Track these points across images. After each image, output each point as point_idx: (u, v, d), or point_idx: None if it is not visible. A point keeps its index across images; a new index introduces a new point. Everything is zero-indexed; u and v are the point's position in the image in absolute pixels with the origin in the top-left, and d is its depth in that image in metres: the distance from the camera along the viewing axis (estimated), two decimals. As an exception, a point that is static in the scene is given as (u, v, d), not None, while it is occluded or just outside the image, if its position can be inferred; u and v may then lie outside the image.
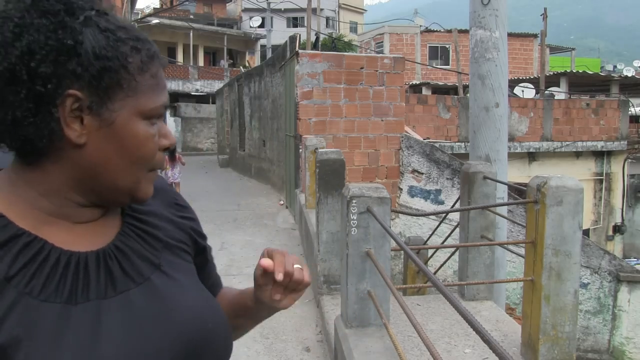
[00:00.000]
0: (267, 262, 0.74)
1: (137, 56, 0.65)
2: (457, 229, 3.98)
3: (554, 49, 29.08)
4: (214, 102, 23.33)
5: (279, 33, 26.77)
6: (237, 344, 0.82)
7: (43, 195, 0.64)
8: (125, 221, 0.72)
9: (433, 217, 6.36)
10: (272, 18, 28.25)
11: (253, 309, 0.82)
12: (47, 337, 0.58)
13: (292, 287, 0.77)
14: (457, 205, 4.53)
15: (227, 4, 36.79)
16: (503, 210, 4.50)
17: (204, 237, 0.86)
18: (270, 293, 0.76)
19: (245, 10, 34.07)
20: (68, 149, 0.62)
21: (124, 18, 0.69)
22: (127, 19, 0.67)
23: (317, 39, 17.03)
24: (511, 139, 11.16)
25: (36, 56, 0.58)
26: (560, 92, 16.22)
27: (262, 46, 30.27)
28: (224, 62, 29.49)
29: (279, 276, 0.73)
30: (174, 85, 25.71)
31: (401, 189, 7.62)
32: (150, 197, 0.72)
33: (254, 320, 0.88)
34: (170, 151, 7.61)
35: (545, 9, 19.05)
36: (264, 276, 0.75)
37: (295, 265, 0.75)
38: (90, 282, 0.63)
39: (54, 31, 0.59)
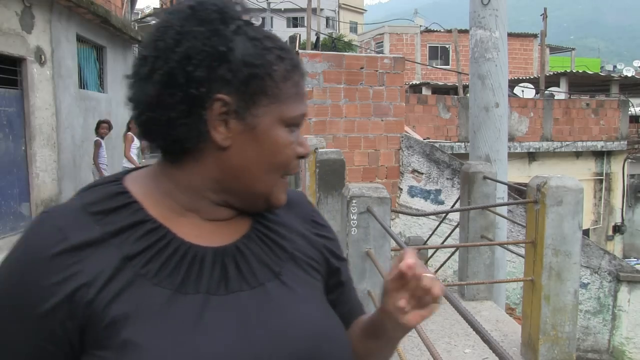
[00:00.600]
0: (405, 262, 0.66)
1: (281, 65, 0.68)
2: (457, 229, 3.98)
3: (554, 49, 29.07)
4: (214, 102, 23.27)
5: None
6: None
7: (180, 189, 0.68)
8: (254, 227, 0.73)
9: (433, 217, 6.36)
10: (272, 18, 28.25)
11: (380, 325, 0.75)
12: (152, 318, 0.60)
13: (419, 296, 0.68)
14: (457, 205, 4.53)
15: (227, 4, 36.78)
16: (503, 210, 4.50)
17: (339, 258, 0.83)
18: (395, 300, 0.69)
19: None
20: (212, 150, 0.66)
21: (267, 30, 0.72)
22: (270, 32, 0.72)
23: (318, 39, 17.04)
24: (511, 139, 11.16)
25: (193, 61, 0.62)
26: (560, 92, 16.22)
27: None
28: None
29: (404, 267, 0.65)
30: (174, 85, 25.62)
31: (401, 189, 7.62)
32: (283, 207, 0.74)
33: (384, 341, 0.78)
34: None
35: (545, 9, 19.05)
36: (394, 280, 0.69)
37: (426, 274, 0.68)
38: (203, 276, 0.65)
39: (209, 38, 0.63)
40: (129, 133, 7.34)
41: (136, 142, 7.34)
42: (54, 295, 0.59)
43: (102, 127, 7.69)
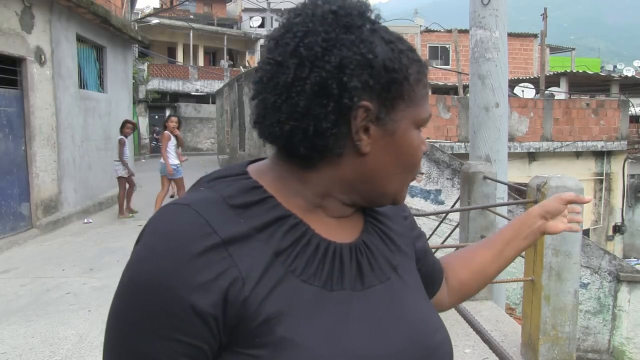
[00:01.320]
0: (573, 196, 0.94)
1: (414, 67, 0.67)
2: (457, 229, 3.98)
3: (554, 49, 29.07)
4: (214, 102, 23.33)
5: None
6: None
7: (311, 190, 0.67)
8: (367, 220, 0.74)
9: (433, 217, 6.36)
10: (272, 18, 28.26)
11: (523, 247, 0.95)
12: (305, 315, 0.60)
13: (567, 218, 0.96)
14: (457, 205, 4.53)
15: (227, 4, 36.78)
16: (503, 210, 4.50)
17: (416, 231, 0.86)
18: (561, 221, 0.94)
19: (245, 10, 34.08)
20: (352, 156, 0.65)
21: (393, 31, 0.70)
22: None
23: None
24: (511, 139, 11.16)
25: (346, 70, 0.61)
26: (560, 92, 16.22)
27: (262, 46, 30.26)
28: (224, 62, 29.49)
29: (588, 199, 0.95)
30: (174, 85, 25.70)
31: (401, 189, 7.62)
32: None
33: (514, 249, 0.96)
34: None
35: (545, 9, 19.06)
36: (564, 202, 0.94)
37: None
38: (344, 273, 0.65)
39: (358, 45, 0.62)
40: (166, 132, 7.43)
41: (173, 141, 7.43)
42: (210, 292, 0.56)
43: (127, 127, 8.06)
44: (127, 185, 8.14)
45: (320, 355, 0.59)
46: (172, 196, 7.98)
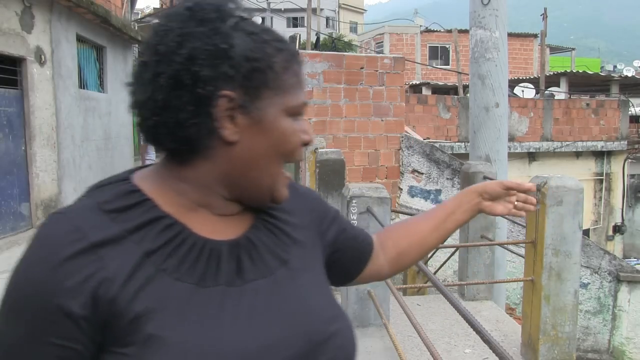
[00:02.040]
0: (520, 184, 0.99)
1: (280, 56, 0.69)
2: (457, 229, 3.98)
3: (554, 49, 29.06)
4: (214, 102, 23.28)
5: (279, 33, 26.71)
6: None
7: (192, 187, 0.69)
8: (258, 216, 0.75)
9: (433, 217, 6.36)
10: (272, 18, 28.26)
11: (461, 220, 0.99)
12: (175, 312, 0.62)
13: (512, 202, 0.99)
14: (457, 205, 4.52)
15: (227, 4, 36.78)
16: (503, 210, 4.50)
17: (327, 217, 0.87)
18: (503, 205, 0.99)
19: (245, 10, 34.04)
20: (220, 146, 0.67)
21: (263, 24, 0.73)
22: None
23: (318, 39, 17.04)
24: (511, 139, 11.16)
25: (197, 61, 0.63)
26: (560, 92, 16.22)
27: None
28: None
29: (530, 186, 1.00)
30: (174, 85, 25.66)
31: (401, 189, 7.62)
32: (286, 198, 0.77)
33: (453, 224, 1.00)
34: None
35: (545, 9, 19.05)
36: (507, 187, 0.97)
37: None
38: (221, 269, 0.67)
39: (210, 37, 0.64)
40: None
41: None
42: (79, 294, 0.59)
43: None
44: None
45: (187, 350, 0.60)
46: None
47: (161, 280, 0.62)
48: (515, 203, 1.00)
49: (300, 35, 16.46)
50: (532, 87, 15.89)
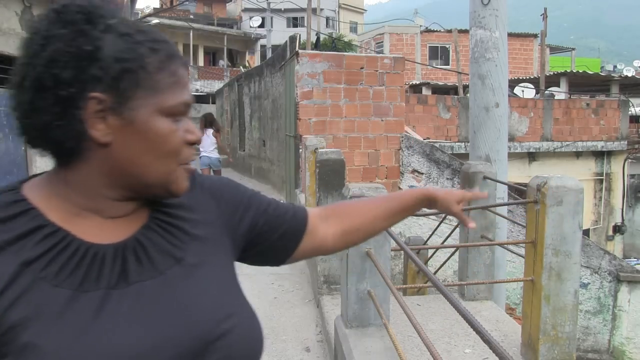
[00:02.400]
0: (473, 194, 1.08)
1: (154, 56, 0.68)
2: (457, 229, 3.98)
3: (554, 49, 29.06)
4: (214, 102, 23.31)
5: (279, 33, 26.76)
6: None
7: (76, 191, 0.69)
8: (152, 216, 0.75)
9: (433, 217, 6.36)
10: (272, 18, 28.25)
11: (408, 214, 1.02)
12: (52, 319, 0.61)
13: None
14: (457, 205, 4.52)
15: (227, 4, 36.78)
16: (503, 210, 4.50)
17: (241, 203, 0.86)
18: (461, 212, 1.03)
19: (245, 10, 34.07)
20: (96, 148, 0.67)
21: (148, 24, 0.74)
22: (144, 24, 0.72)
23: (318, 39, 17.03)
24: (511, 139, 11.16)
25: (58, 63, 0.63)
26: (560, 92, 16.21)
27: (262, 46, 30.26)
28: (224, 62, 29.49)
29: (472, 225, 1.09)
30: (174, 85, 25.66)
31: (401, 189, 7.62)
32: (186, 191, 0.76)
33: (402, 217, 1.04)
34: None
35: (545, 9, 19.04)
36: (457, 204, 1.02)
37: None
38: (103, 273, 0.67)
39: (74, 39, 0.64)
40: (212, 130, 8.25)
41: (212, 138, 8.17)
42: None
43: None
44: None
45: (63, 356, 0.60)
46: None
47: (39, 289, 0.62)
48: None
49: (300, 35, 16.45)
50: (532, 87, 15.88)
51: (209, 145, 8.22)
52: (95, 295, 0.65)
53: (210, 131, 8.19)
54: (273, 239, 0.88)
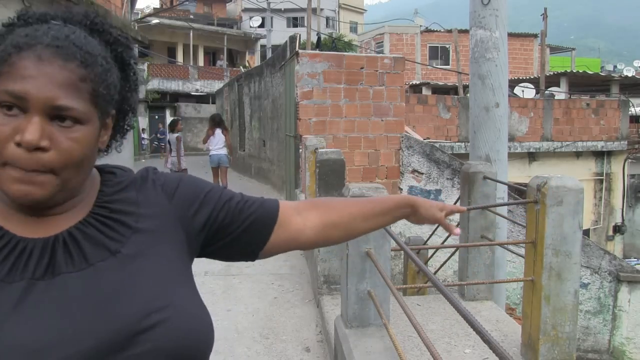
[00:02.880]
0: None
1: None
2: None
3: (554, 49, 29.06)
4: (214, 102, 23.33)
5: (279, 33, 26.77)
6: (237, 344, 0.82)
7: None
8: (93, 212, 0.74)
9: (433, 217, 6.35)
10: (272, 18, 28.25)
11: (393, 221, 1.01)
12: None
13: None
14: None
15: (227, 4, 36.78)
16: (503, 210, 4.50)
17: (199, 191, 0.85)
18: (444, 220, 1.02)
19: (245, 10, 34.07)
20: None
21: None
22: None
23: (319, 39, 17.04)
24: (511, 139, 11.16)
25: None
26: (560, 92, 16.22)
27: (262, 46, 30.27)
28: (221, 62, 29.50)
29: (457, 232, 1.08)
30: (174, 85, 25.70)
31: (401, 189, 7.62)
32: (136, 185, 0.78)
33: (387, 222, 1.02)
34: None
35: (545, 9, 19.04)
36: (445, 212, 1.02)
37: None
38: (30, 264, 0.67)
39: None
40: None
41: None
42: None
43: (180, 124, 8.93)
44: None
45: None
46: None
47: None
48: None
49: (300, 35, 16.45)
50: (532, 87, 15.89)
51: (218, 143, 8.53)
52: (18, 285, 0.65)
53: (219, 130, 8.50)
54: (237, 232, 0.86)
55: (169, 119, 21.80)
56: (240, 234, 0.86)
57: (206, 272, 4.91)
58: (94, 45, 0.71)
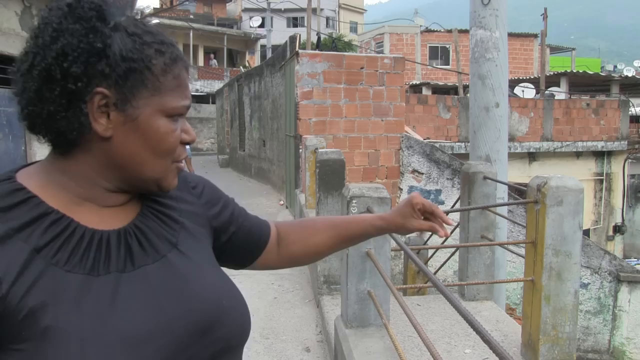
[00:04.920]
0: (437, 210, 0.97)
1: (160, 58, 0.71)
2: (457, 229, 3.97)
3: (554, 49, 29.05)
4: (214, 102, 23.32)
5: (279, 33, 26.76)
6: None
7: (74, 180, 0.71)
8: (145, 204, 0.79)
9: (433, 217, 6.35)
10: (272, 18, 28.25)
11: (370, 234, 1.01)
12: (70, 303, 0.64)
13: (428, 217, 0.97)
14: (457, 206, 4.53)
15: (227, 4, 36.76)
16: (503, 210, 4.50)
17: (217, 203, 0.91)
18: (415, 222, 0.96)
19: (245, 10, 34.06)
20: (97, 140, 0.69)
21: (153, 24, 0.76)
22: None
23: (319, 39, 17.03)
24: (511, 139, 11.16)
25: (69, 57, 0.65)
26: (560, 92, 16.21)
27: (262, 46, 30.27)
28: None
29: (445, 230, 0.97)
30: (174, 85, 25.64)
31: (401, 189, 7.62)
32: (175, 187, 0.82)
33: (355, 243, 1.04)
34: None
35: (545, 9, 19.03)
36: (417, 212, 0.96)
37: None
38: (111, 257, 0.70)
39: (86, 35, 0.66)
40: None
41: None
42: None
43: None
44: None
45: (86, 338, 0.62)
46: None
47: (53, 274, 0.64)
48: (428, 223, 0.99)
49: (300, 35, 16.44)
50: (532, 87, 15.88)
51: None
52: (107, 279, 0.68)
53: None
54: (235, 248, 0.93)
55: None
56: (235, 251, 0.94)
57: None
58: None
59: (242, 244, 0.94)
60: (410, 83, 18.45)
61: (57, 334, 0.61)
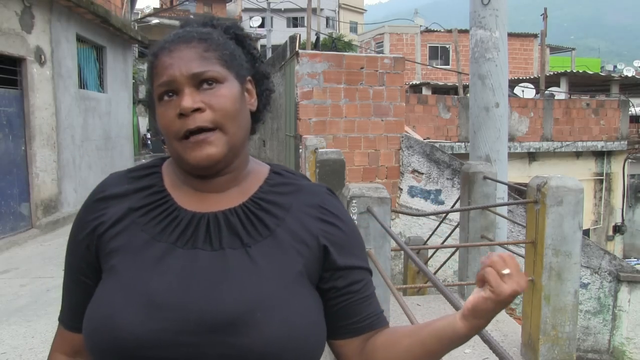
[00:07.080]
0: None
1: (160, 51, 0.83)
2: (457, 229, 3.98)
3: (554, 49, 29.05)
4: (214, 102, 23.24)
5: (279, 33, 26.77)
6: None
7: (173, 164, 0.87)
8: (244, 203, 0.83)
9: (433, 217, 6.36)
10: (272, 18, 28.25)
11: (459, 334, 0.77)
12: (131, 254, 0.79)
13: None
14: (457, 205, 4.53)
15: (227, 4, 36.75)
16: (503, 210, 4.50)
17: (347, 255, 0.83)
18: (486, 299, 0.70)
19: (245, 10, 34.06)
20: None
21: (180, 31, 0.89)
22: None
23: (318, 39, 17.03)
24: (511, 139, 11.16)
25: (242, 59, 0.89)
26: (560, 92, 16.21)
27: (262, 46, 30.27)
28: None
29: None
30: (174, 85, 25.64)
31: (401, 189, 7.62)
32: (293, 191, 0.85)
33: (455, 343, 0.80)
34: None
35: (545, 9, 19.04)
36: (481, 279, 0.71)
37: (505, 271, 0.69)
38: (175, 231, 0.80)
39: (251, 46, 0.94)
40: None
41: None
42: (86, 227, 0.83)
43: None
44: None
45: (128, 283, 0.76)
46: None
47: (132, 230, 0.81)
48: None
49: (300, 35, 16.44)
50: (532, 87, 15.88)
51: None
52: (163, 245, 0.79)
53: None
54: (329, 315, 0.83)
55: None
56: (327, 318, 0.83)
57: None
58: (208, 28, 0.87)
59: (331, 310, 0.82)
60: (410, 83, 18.45)
61: (114, 273, 0.78)
